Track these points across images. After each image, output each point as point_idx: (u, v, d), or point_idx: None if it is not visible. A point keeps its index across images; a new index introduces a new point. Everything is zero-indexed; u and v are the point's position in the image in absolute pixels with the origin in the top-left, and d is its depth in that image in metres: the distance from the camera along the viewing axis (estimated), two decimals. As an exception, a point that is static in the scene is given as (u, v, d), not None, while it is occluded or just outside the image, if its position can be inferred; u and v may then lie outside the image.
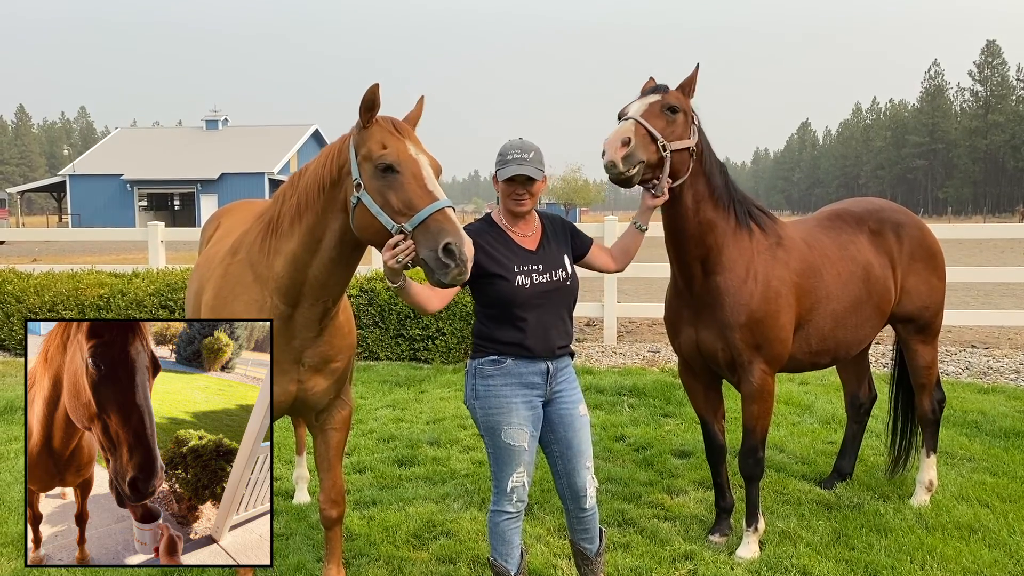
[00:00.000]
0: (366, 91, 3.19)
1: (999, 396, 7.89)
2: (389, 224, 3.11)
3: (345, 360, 3.88)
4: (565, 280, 3.75)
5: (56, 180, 64.56)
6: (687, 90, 4.22)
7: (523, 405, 3.65)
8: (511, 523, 3.73)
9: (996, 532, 4.74)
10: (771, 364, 4.47)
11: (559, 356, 3.76)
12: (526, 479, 3.70)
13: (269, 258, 3.56)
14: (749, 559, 4.47)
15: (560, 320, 3.75)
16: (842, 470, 5.61)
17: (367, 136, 3.24)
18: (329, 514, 4.03)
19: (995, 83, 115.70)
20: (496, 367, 3.66)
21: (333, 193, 3.34)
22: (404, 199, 3.10)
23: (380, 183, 3.15)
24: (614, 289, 10.86)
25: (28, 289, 10.50)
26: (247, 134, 65.73)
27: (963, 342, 10.94)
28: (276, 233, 3.55)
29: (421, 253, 3.05)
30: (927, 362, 5.28)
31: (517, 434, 3.63)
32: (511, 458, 3.65)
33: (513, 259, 3.66)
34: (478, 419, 3.72)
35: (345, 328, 3.88)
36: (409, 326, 9.68)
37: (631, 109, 4.11)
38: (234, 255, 3.77)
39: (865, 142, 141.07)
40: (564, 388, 3.79)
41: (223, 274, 3.76)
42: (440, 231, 3.03)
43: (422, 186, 3.12)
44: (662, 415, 7.35)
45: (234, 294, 3.65)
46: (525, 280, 3.64)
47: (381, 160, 3.15)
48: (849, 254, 4.88)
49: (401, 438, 6.70)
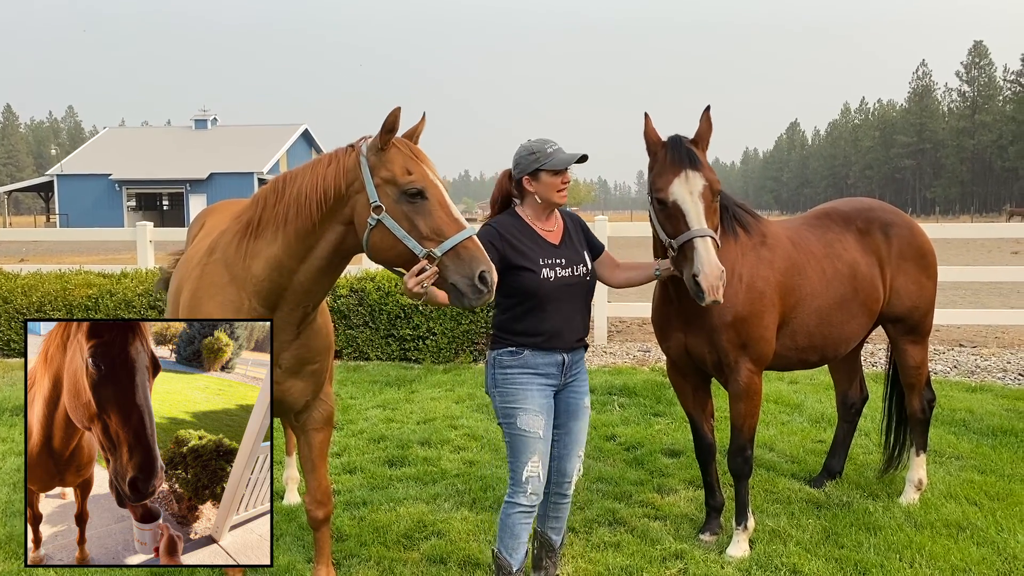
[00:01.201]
0: (389, 115, 3.26)
1: (987, 395, 7.96)
2: (417, 249, 3.23)
3: (323, 361, 3.89)
4: (585, 275, 3.91)
5: (44, 180, 64.04)
6: (704, 143, 4.14)
7: (538, 393, 3.79)
8: (522, 517, 3.80)
9: (984, 530, 4.79)
10: (757, 363, 4.51)
11: (575, 348, 3.91)
12: (540, 471, 3.78)
13: (246, 260, 3.56)
14: (739, 558, 4.50)
15: (579, 314, 3.91)
16: (832, 469, 5.66)
17: (387, 159, 3.31)
18: (315, 515, 4.05)
19: (982, 83, 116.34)
20: (514, 358, 3.80)
21: (336, 207, 3.38)
22: (432, 226, 3.23)
23: (407, 208, 3.26)
24: (604, 289, 10.89)
25: (15, 290, 10.46)
26: (236, 134, 65.39)
27: (951, 341, 11.02)
28: (255, 236, 3.55)
29: (451, 279, 3.21)
30: (917, 362, 5.33)
31: (532, 420, 3.75)
32: (526, 446, 3.75)
33: (539, 252, 3.80)
34: (497, 407, 3.86)
35: (323, 330, 3.88)
36: (399, 326, 9.69)
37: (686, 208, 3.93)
38: (210, 255, 3.78)
39: (854, 142, 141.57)
40: (576, 379, 3.96)
41: (200, 275, 3.77)
42: (473, 260, 3.21)
43: (448, 213, 3.27)
44: (652, 414, 7.38)
45: (209, 294, 3.66)
46: (550, 273, 3.77)
47: (410, 186, 3.25)
48: (835, 252, 4.92)
49: (391, 438, 6.72)
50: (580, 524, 4.97)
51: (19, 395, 8.14)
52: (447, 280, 3.23)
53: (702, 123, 4.14)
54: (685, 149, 4.03)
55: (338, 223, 3.41)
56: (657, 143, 4.14)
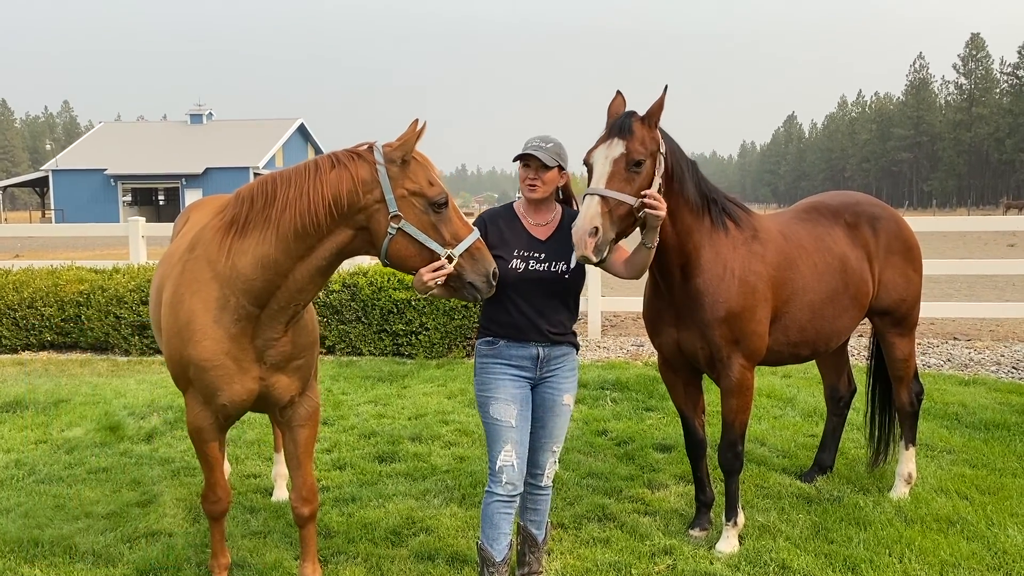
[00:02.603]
0: (417, 131, 3.46)
1: (980, 388, 7.93)
2: (441, 251, 3.48)
3: (308, 357, 3.88)
4: (564, 273, 3.88)
5: (39, 175, 63.92)
6: (654, 119, 4.01)
7: (511, 383, 3.84)
8: (501, 507, 3.81)
9: (975, 524, 4.76)
10: (749, 358, 4.47)
11: (554, 343, 3.90)
12: (515, 460, 3.80)
13: (230, 258, 3.54)
14: (728, 553, 4.47)
15: (553, 309, 3.89)
16: (823, 463, 5.63)
17: (411, 172, 3.47)
18: (301, 512, 4.02)
19: (979, 76, 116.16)
20: (490, 347, 3.90)
21: (349, 214, 3.46)
22: (453, 231, 3.51)
23: (434, 218, 3.48)
24: (598, 284, 10.86)
25: (7, 286, 10.40)
26: (232, 128, 65.19)
27: (945, 334, 10.99)
28: (241, 235, 3.53)
29: (469, 278, 3.53)
30: (904, 355, 5.30)
31: (504, 409, 3.80)
32: (498, 434, 3.80)
33: (516, 243, 3.86)
34: (476, 396, 3.95)
35: (308, 326, 3.88)
36: (392, 321, 9.65)
37: (595, 170, 3.90)
38: (191, 251, 3.76)
39: (851, 135, 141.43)
40: (556, 375, 3.95)
41: (181, 271, 3.75)
42: (484, 259, 3.57)
43: (461, 218, 3.57)
44: (645, 409, 7.35)
45: (191, 290, 3.65)
46: (520, 264, 3.82)
47: (439, 198, 3.48)
48: (825, 246, 4.89)
49: (382, 434, 6.68)
50: (569, 520, 4.93)
51: (10, 392, 8.10)
52: (464, 280, 3.53)
53: (656, 101, 4.03)
54: (623, 122, 3.95)
55: (347, 227, 3.50)
56: (611, 118, 4.08)
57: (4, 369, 9.42)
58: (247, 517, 5.07)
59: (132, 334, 10.13)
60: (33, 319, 10.33)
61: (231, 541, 4.64)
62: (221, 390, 3.67)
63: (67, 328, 10.33)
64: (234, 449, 6.31)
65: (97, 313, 10.13)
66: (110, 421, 7.05)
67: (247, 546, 4.65)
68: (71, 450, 6.38)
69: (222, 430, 3.89)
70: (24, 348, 10.52)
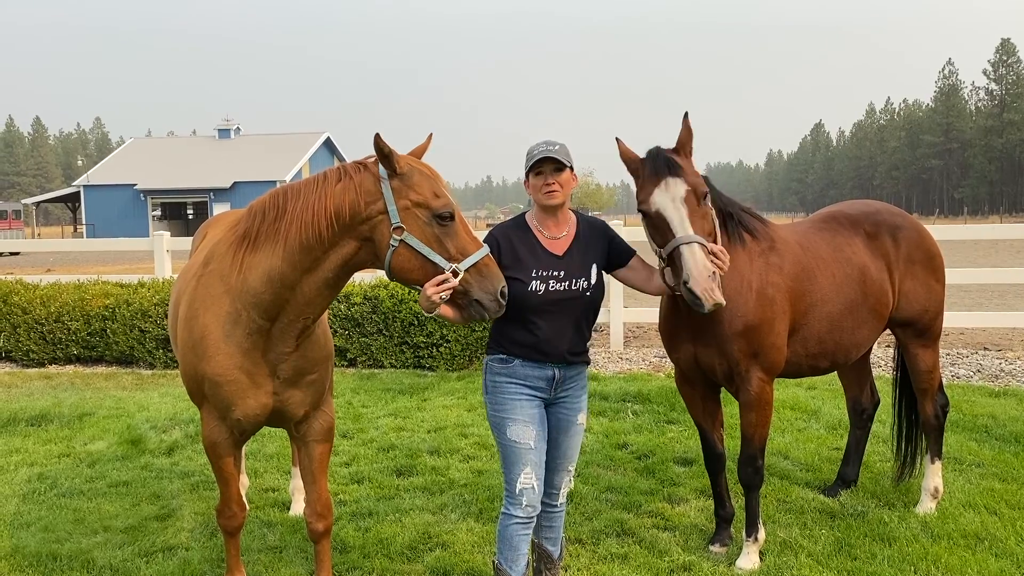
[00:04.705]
0: (376, 144, 3.33)
1: (1011, 400, 7.75)
2: (446, 266, 3.35)
3: (321, 372, 3.87)
4: (585, 291, 3.76)
5: (71, 191, 64.94)
6: (687, 149, 3.99)
7: (527, 403, 3.72)
8: (520, 528, 3.73)
9: (1004, 541, 4.64)
10: (768, 372, 4.39)
11: (571, 364, 3.79)
12: (535, 482, 3.70)
13: (242, 272, 3.54)
14: (749, 570, 4.39)
15: (574, 328, 3.78)
16: (846, 477, 5.53)
17: (413, 184, 3.38)
18: (315, 527, 4.00)
19: (1010, 81, 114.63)
20: (504, 365, 3.75)
21: (352, 225, 3.41)
22: (458, 245, 3.38)
23: (439, 231, 3.37)
24: (620, 294, 10.78)
25: (34, 300, 10.53)
26: (259, 142, 65.91)
27: (975, 344, 10.80)
28: (253, 249, 3.53)
29: (475, 295, 3.37)
30: (928, 366, 5.19)
31: (522, 431, 3.68)
32: (517, 457, 3.69)
33: (533, 263, 3.70)
34: (489, 415, 3.81)
35: (321, 340, 3.86)
36: (413, 333, 9.64)
37: (669, 215, 3.80)
38: (206, 266, 3.77)
39: (879, 143, 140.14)
40: (569, 395, 3.84)
41: (196, 286, 3.77)
42: (494, 276, 3.40)
43: (469, 232, 3.44)
44: (666, 421, 7.27)
45: (205, 306, 3.65)
46: (540, 286, 3.67)
47: (444, 210, 3.37)
48: (844, 256, 4.80)
49: (401, 447, 6.65)
50: (588, 535, 4.87)
51: (36, 405, 8.17)
52: (471, 296, 3.37)
53: (682, 130, 4.01)
54: (663, 158, 3.92)
55: (352, 239, 3.45)
56: (635, 161, 4.04)
57: (31, 383, 9.52)
58: (264, 531, 5.06)
59: (156, 347, 10.20)
60: (60, 333, 10.44)
61: (248, 555, 4.64)
62: (235, 405, 3.67)
63: (93, 342, 10.43)
64: (253, 463, 6.32)
65: (122, 327, 10.22)
66: (132, 434, 7.09)
67: (263, 560, 4.64)
68: (93, 463, 6.42)
69: (237, 445, 3.89)
70: (51, 362, 10.64)
